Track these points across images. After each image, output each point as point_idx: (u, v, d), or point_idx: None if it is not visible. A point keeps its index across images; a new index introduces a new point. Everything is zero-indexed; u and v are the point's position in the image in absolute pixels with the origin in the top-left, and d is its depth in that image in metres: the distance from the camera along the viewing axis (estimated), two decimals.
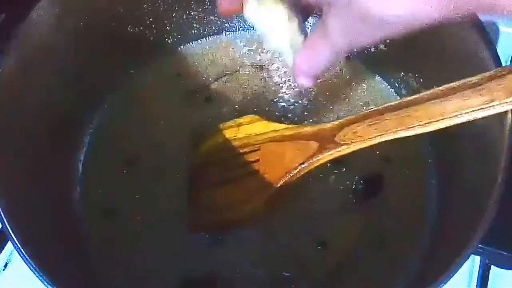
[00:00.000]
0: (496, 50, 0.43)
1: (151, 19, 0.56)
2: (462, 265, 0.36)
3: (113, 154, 0.54)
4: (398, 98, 0.55)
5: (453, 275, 0.36)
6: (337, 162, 0.51)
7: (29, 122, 0.47)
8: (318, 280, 0.48)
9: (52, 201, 0.48)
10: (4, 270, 0.53)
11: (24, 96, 0.46)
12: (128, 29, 0.55)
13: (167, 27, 0.58)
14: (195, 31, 0.59)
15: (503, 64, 0.44)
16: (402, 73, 0.54)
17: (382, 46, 0.55)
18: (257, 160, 0.49)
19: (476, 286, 0.50)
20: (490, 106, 0.38)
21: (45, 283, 0.38)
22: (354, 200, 0.51)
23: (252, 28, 0.60)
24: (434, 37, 0.49)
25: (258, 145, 0.49)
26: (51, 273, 0.39)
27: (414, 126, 0.40)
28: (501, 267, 0.47)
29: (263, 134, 0.50)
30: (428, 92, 0.41)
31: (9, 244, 0.53)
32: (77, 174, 0.53)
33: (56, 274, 0.39)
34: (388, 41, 0.54)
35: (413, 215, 0.49)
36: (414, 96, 0.41)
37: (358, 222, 0.50)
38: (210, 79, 0.58)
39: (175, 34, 0.58)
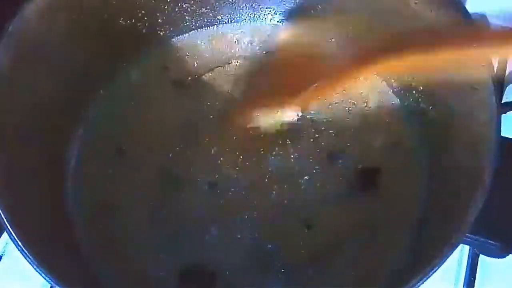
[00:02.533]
0: None
1: (143, 12, 0.56)
2: (450, 255, 0.37)
3: (106, 148, 0.54)
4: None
5: (442, 264, 0.37)
6: (334, 153, 0.52)
7: (23, 117, 0.47)
8: (300, 259, 0.48)
9: (47, 195, 0.48)
10: None
11: (18, 91, 0.46)
12: (120, 22, 0.55)
13: (159, 20, 0.57)
14: (187, 23, 0.59)
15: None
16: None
17: None
18: None
19: (465, 273, 0.51)
20: None
21: (42, 274, 0.39)
22: (349, 191, 0.51)
23: (244, 20, 0.60)
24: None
25: None
26: (47, 264, 0.39)
27: None
28: (489, 256, 0.48)
29: None
30: None
31: (3, 238, 0.54)
32: (70, 167, 0.53)
33: (52, 265, 0.39)
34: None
35: (406, 206, 0.50)
36: None
37: (350, 211, 0.50)
38: (202, 71, 0.58)
39: (167, 26, 0.58)
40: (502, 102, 0.57)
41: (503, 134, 0.42)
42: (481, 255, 0.51)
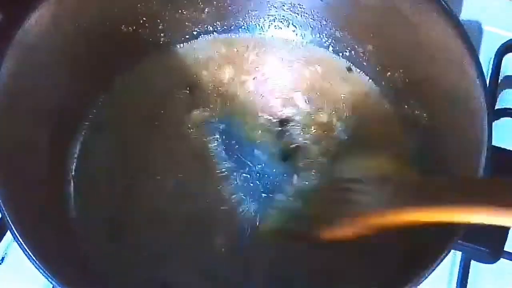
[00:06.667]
0: (477, 55, 0.45)
1: (144, 19, 0.57)
2: (441, 262, 0.38)
3: (108, 151, 0.55)
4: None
5: (433, 270, 0.38)
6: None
7: (27, 121, 0.48)
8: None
9: (51, 201, 0.49)
10: (0, 264, 0.54)
11: (23, 96, 0.47)
12: (122, 28, 0.56)
13: (160, 26, 0.58)
14: (188, 30, 0.60)
15: (483, 64, 0.45)
16: (389, 73, 0.56)
17: (370, 47, 0.56)
18: None
19: (458, 278, 0.52)
20: None
21: (44, 274, 0.39)
22: None
23: (242, 28, 0.61)
24: (417, 37, 0.50)
25: None
26: (50, 266, 0.39)
27: None
28: (480, 262, 0.49)
29: None
30: None
31: (5, 239, 0.54)
32: (72, 170, 0.54)
33: (55, 267, 0.40)
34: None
35: None
36: None
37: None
38: (203, 78, 0.58)
39: (168, 33, 0.59)
40: (495, 108, 0.58)
41: (496, 142, 0.42)
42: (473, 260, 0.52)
